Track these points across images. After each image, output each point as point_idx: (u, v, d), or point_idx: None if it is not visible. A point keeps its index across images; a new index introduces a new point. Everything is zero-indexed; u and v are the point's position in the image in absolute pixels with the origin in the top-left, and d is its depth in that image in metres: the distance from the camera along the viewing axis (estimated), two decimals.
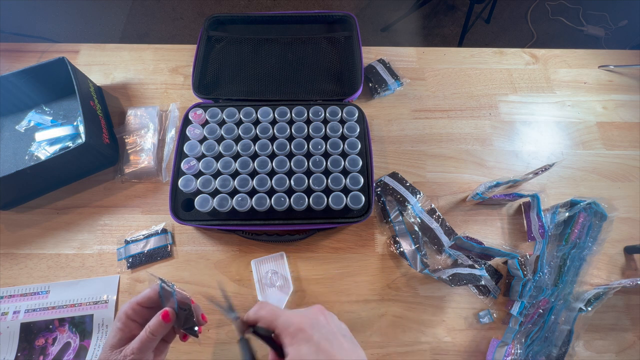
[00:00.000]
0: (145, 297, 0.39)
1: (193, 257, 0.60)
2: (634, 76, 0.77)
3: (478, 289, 0.58)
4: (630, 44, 1.72)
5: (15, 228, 0.62)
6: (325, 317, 0.37)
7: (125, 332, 0.38)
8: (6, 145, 0.67)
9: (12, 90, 0.66)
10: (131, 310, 0.39)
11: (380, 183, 0.64)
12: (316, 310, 0.38)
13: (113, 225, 0.62)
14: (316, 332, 0.35)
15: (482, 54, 0.79)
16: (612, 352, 0.55)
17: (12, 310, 0.56)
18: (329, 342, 0.34)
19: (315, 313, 0.37)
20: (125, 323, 0.38)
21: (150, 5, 1.87)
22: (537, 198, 0.60)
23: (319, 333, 0.35)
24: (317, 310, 0.38)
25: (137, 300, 0.39)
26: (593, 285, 0.59)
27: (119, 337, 0.38)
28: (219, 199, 0.58)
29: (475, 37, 1.81)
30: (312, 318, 0.36)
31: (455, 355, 0.55)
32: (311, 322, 0.35)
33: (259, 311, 0.38)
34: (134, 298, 0.39)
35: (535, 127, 0.72)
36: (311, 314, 0.37)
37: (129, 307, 0.39)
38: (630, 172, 0.68)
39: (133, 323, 0.39)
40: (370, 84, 0.73)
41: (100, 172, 0.66)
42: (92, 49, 0.78)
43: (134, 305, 0.39)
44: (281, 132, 0.64)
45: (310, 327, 0.35)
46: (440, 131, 0.71)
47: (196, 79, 0.71)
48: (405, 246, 0.60)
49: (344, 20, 0.77)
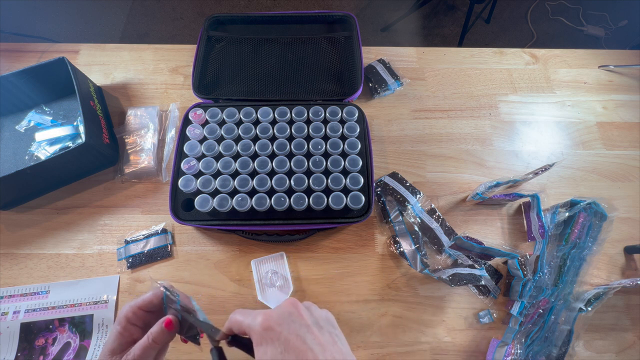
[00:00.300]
0: (146, 301, 0.38)
1: (193, 257, 0.60)
2: (634, 76, 0.77)
3: (478, 289, 0.58)
4: (630, 44, 1.72)
5: (15, 228, 0.62)
6: (298, 309, 0.33)
7: (126, 336, 0.37)
8: (6, 145, 0.67)
9: (12, 90, 0.66)
10: (132, 313, 0.37)
11: (380, 183, 0.64)
12: (287, 304, 0.34)
13: (113, 225, 0.62)
14: (285, 328, 0.31)
15: (482, 54, 0.79)
16: (612, 352, 0.55)
17: (12, 310, 0.56)
18: (300, 338, 0.31)
19: (286, 307, 0.33)
20: (125, 327, 0.37)
21: (150, 5, 1.87)
22: (537, 198, 0.60)
23: (289, 329, 0.31)
24: (289, 303, 0.34)
25: (137, 304, 0.38)
26: (593, 285, 0.59)
27: (119, 341, 0.36)
28: (219, 199, 0.58)
29: (475, 37, 1.81)
30: (282, 313, 0.33)
31: (455, 355, 0.55)
32: (280, 318, 0.32)
33: (232, 316, 0.35)
34: (134, 301, 0.38)
35: (535, 127, 0.72)
36: (282, 309, 0.33)
37: (130, 311, 0.37)
38: (630, 172, 0.68)
39: (133, 327, 0.37)
40: (370, 84, 0.73)
41: (100, 172, 0.66)
42: (92, 49, 0.78)
43: (134, 309, 0.37)
44: (281, 132, 0.64)
45: (278, 324, 0.31)
46: (440, 131, 0.71)
47: (196, 79, 0.71)
48: (405, 246, 0.60)
49: (344, 20, 0.77)
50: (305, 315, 0.33)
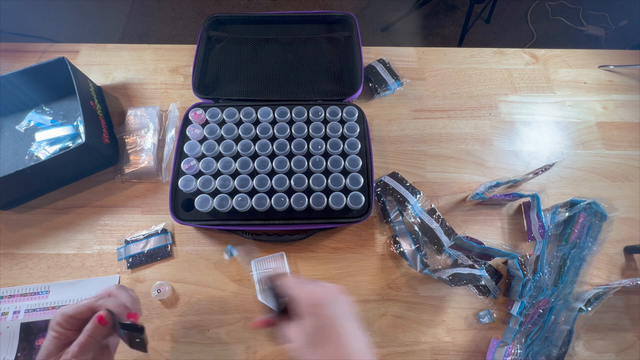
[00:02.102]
0: (76, 311, 0.38)
1: (193, 257, 0.60)
2: (634, 76, 0.77)
3: (478, 289, 0.58)
4: (630, 44, 1.72)
5: (15, 228, 0.62)
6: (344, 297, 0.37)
7: (62, 339, 0.37)
8: (6, 145, 0.67)
9: (12, 90, 0.66)
10: (63, 320, 0.37)
11: (380, 183, 0.64)
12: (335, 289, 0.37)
13: (113, 225, 0.62)
14: (329, 309, 0.35)
15: (482, 54, 0.79)
16: (612, 352, 0.55)
17: (12, 310, 0.56)
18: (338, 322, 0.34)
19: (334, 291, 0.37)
20: (60, 332, 0.37)
21: (150, 5, 1.87)
22: (537, 198, 0.60)
23: (332, 311, 0.35)
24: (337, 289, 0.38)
25: (69, 313, 0.37)
26: (593, 285, 0.59)
27: (54, 344, 0.36)
28: (219, 199, 0.58)
29: (475, 37, 1.81)
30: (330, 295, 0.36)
31: (455, 355, 0.55)
32: (327, 299, 0.36)
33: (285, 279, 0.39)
34: (65, 309, 0.38)
35: (535, 127, 0.72)
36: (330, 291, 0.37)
37: (61, 318, 0.37)
38: (630, 172, 0.68)
39: (68, 331, 0.37)
40: (370, 84, 0.73)
41: (100, 172, 0.66)
42: (92, 49, 0.78)
43: (66, 317, 0.37)
44: (281, 132, 0.64)
45: (325, 304, 0.35)
46: (440, 131, 0.71)
47: (196, 79, 0.71)
48: (405, 246, 0.60)
49: (344, 20, 0.77)
50: (347, 306, 0.37)
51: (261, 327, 0.39)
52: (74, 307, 0.38)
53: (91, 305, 0.38)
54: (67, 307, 0.38)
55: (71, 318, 0.37)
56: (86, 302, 0.38)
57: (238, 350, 0.55)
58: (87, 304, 0.38)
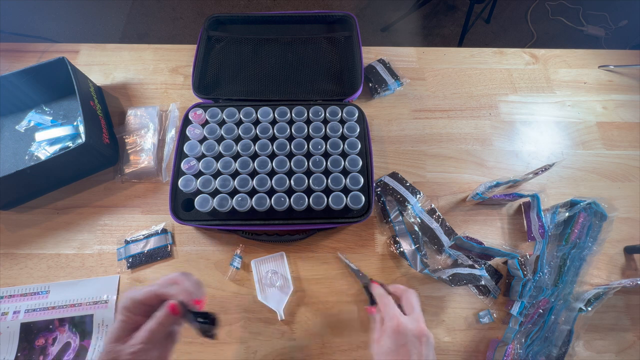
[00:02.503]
0: (146, 297, 0.37)
1: (193, 257, 0.60)
2: (634, 76, 0.77)
3: (478, 289, 0.58)
4: (630, 44, 1.72)
5: (15, 228, 0.62)
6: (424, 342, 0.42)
7: (130, 323, 0.36)
8: (6, 145, 0.67)
9: (12, 90, 0.66)
10: (131, 305, 0.37)
11: (380, 183, 0.64)
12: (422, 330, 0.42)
13: (113, 225, 0.62)
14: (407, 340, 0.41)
15: (482, 54, 0.79)
16: (612, 352, 0.55)
17: (12, 310, 0.56)
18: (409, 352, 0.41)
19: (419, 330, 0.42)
20: (128, 316, 0.37)
21: (150, 5, 1.87)
22: (537, 198, 0.60)
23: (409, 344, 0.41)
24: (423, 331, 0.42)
25: (137, 298, 0.37)
26: (593, 285, 0.59)
27: (122, 328, 0.36)
28: (219, 199, 0.58)
29: (475, 37, 1.81)
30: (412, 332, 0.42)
31: (455, 355, 0.55)
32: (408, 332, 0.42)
33: (384, 294, 0.47)
34: (133, 293, 0.38)
35: (535, 127, 0.72)
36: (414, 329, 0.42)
37: (130, 303, 0.37)
38: (630, 172, 0.68)
39: (135, 316, 0.37)
40: (370, 84, 0.73)
41: (100, 172, 0.66)
42: (92, 49, 0.78)
43: (135, 303, 0.37)
44: (281, 132, 0.64)
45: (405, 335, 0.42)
46: (440, 131, 0.71)
47: (196, 79, 0.71)
48: (405, 246, 0.60)
49: (344, 20, 0.77)
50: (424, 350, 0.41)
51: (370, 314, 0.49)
52: (144, 293, 0.37)
53: (159, 293, 0.38)
54: (135, 292, 0.38)
55: (140, 304, 0.37)
56: (153, 289, 0.38)
57: (238, 350, 0.55)
58: (154, 291, 0.38)
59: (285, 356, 0.54)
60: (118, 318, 0.37)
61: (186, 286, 0.39)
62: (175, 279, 0.40)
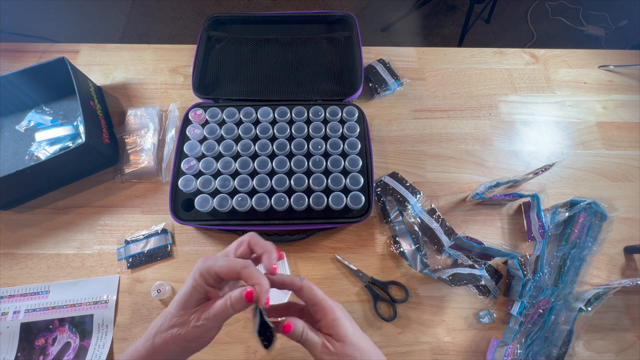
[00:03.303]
0: (225, 271, 0.35)
1: (193, 257, 0.60)
2: (634, 76, 0.77)
3: (478, 289, 0.58)
4: (630, 44, 1.72)
5: (15, 228, 0.62)
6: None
7: (200, 292, 0.35)
8: (6, 145, 0.67)
9: (12, 90, 0.66)
10: (208, 275, 0.35)
11: (380, 183, 0.64)
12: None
13: (113, 225, 0.62)
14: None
15: (482, 54, 0.79)
16: (612, 352, 0.55)
17: (12, 310, 0.56)
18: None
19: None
20: (200, 283, 0.35)
21: (150, 5, 1.87)
22: (537, 198, 0.60)
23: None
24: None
25: (216, 270, 0.35)
26: (593, 285, 0.59)
27: (192, 296, 0.35)
28: (219, 199, 0.58)
29: (475, 37, 1.81)
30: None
31: (455, 355, 0.55)
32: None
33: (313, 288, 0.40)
34: (212, 261, 0.35)
35: (535, 127, 0.72)
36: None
37: (207, 272, 0.35)
38: (630, 172, 0.68)
39: (207, 286, 0.36)
40: (370, 84, 0.73)
41: (100, 172, 0.66)
42: (92, 49, 0.78)
43: (212, 274, 0.35)
44: (281, 132, 0.64)
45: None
46: (440, 131, 0.71)
47: (196, 79, 0.71)
48: (405, 246, 0.60)
49: (344, 20, 0.77)
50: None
51: None
52: (225, 267, 0.35)
53: (240, 272, 0.35)
54: (214, 261, 0.36)
55: (217, 275, 0.35)
56: (234, 265, 0.35)
57: (238, 350, 0.55)
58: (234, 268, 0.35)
59: (285, 356, 0.54)
60: (190, 283, 0.36)
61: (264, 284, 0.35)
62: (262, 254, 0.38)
